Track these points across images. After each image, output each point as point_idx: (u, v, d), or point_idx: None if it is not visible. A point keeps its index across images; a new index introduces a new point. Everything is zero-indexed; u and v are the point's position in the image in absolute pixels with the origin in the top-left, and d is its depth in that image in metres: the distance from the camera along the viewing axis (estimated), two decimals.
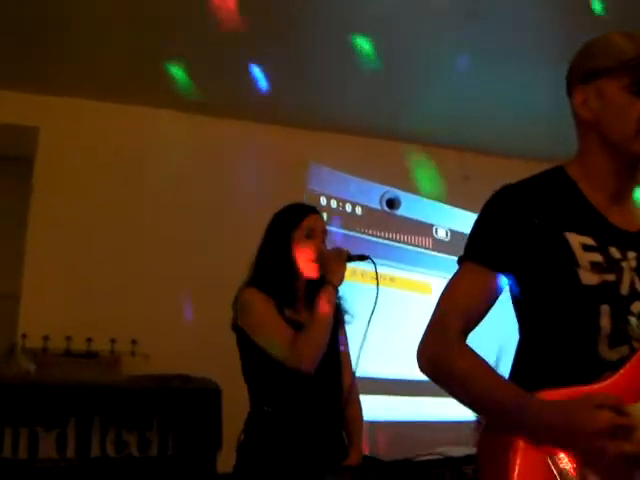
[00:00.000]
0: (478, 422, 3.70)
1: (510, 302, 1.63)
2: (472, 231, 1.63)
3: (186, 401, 1.60)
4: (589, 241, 1.52)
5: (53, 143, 5.01)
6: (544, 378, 1.48)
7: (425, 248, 5.74)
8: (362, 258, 2.74)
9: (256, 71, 4.45)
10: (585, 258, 1.50)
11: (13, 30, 4.24)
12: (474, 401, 1.49)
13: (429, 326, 1.57)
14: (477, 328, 1.57)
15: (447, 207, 5.87)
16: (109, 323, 4.73)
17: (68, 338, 4.61)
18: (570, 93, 1.65)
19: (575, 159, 1.67)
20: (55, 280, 4.81)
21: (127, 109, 5.12)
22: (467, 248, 1.62)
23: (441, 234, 5.84)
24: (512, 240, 1.54)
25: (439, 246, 5.79)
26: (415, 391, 5.26)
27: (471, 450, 2.54)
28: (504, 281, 1.56)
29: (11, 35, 4.29)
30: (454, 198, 5.83)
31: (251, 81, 4.68)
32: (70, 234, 4.91)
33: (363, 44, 4.34)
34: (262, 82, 4.52)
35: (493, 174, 5.50)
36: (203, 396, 1.64)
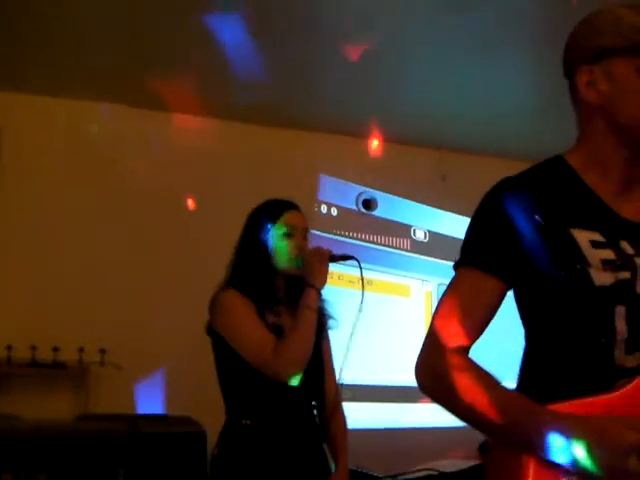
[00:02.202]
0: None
1: (511, 307, 1.50)
2: (468, 233, 1.50)
3: (161, 449, 1.29)
4: (597, 237, 1.40)
5: (17, 143, 4.84)
6: (556, 389, 1.37)
7: (403, 250, 5.66)
8: (346, 258, 2.58)
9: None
10: (595, 256, 1.38)
11: None
12: (480, 419, 1.35)
13: (426, 340, 1.44)
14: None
15: (425, 207, 5.81)
16: (77, 331, 4.60)
17: (33, 347, 4.47)
18: (570, 74, 1.50)
19: (576, 148, 1.54)
20: (19, 286, 4.66)
21: (94, 106, 4.97)
22: (464, 252, 1.49)
23: (419, 235, 5.75)
24: (513, 241, 1.41)
25: (417, 247, 5.70)
26: (395, 397, 5.18)
27: (465, 464, 2.41)
28: (506, 286, 1.44)
29: None
30: (432, 198, 5.76)
31: (229, 80, 4.56)
32: (35, 237, 4.76)
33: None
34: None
35: (471, 173, 5.49)
36: (184, 442, 1.33)
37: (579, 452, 1.21)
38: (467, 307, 1.42)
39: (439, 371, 1.38)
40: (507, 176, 1.50)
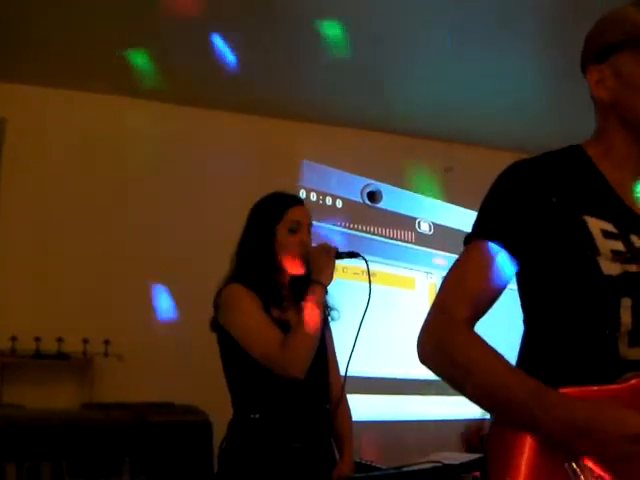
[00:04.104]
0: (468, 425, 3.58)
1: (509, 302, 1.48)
2: (482, 207, 1.47)
3: (167, 438, 1.24)
4: (610, 227, 1.39)
5: (20, 134, 4.83)
6: (556, 376, 1.33)
7: (408, 242, 5.65)
8: (352, 255, 2.55)
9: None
10: (606, 246, 1.36)
11: None
12: (483, 394, 1.33)
13: (432, 311, 1.42)
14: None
15: (430, 200, 5.79)
16: (80, 322, 4.60)
17: (37, 339, 4.47)
18: (584, 72, 1.51)
19: (593, 139, 1.54)
20: (23, 278, 4.66)
21: (97, 98, 4.96)
22: (476, 225, 1.46)
23: (424, 227, 5.73)
24: (527, 218, 1.39)
25: (422, 240, 5.68)
26: (399, 389, 5.17)
27: (469, 456, 2.40)
28: (515, 263, 1.41)
29: None
30: (437, 190, 5.73)
31: (226, 70, 4.53)
32: (39, 229, 4.76)
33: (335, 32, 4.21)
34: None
35: (477, 166, 5.46)
36: (190, 431, 1.27)
37: (584, 434, 1.20)
38: (476, 280, 1.40)
39: (445, 343, 1.36)
40: (521, 159, 1.49)
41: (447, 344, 1.36)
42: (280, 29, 4.31)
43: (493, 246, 1.40)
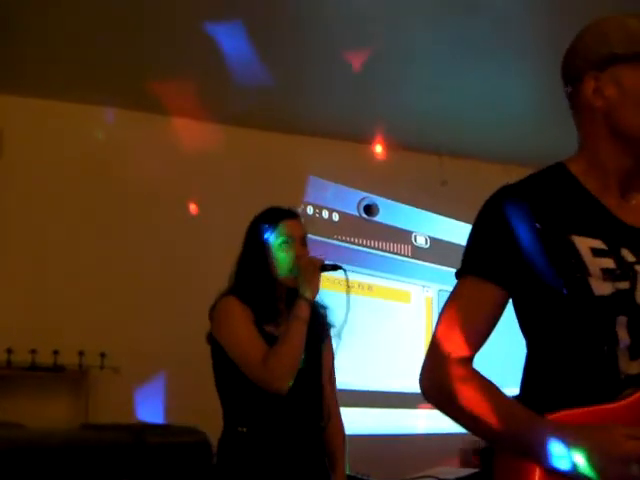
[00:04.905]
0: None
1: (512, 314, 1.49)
2: (469, 241, 1.48)
3: (166, 459, 1.20)
4: (599, 244, 1.39)
5: (18, 145, 4.84)
6: (559, 398, 1.35)
7: (404, 256, 5.65)
8: (335, 268, 2.58)
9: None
10: (595, 264, 1.36)
11: None
12: (482, 428, 1.36)
13: (429, 351, 1.43)
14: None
15: (426, 213, 5.79)
16: (76, 335, 4.58)
17: (33, 351, 4.45)
18: (574, 80, 1.50)
19: (578, 155, 1.53)
20: (19, 290, 4.65)
21: (94, 110, 4.97)
22: (465, 260, 1.47)
23: (420, 241, 5.74)
24: (513, 249, 1.40)
25: (418, 253, 5.69)
26: (394, 403, 5.16)
27: (465, 471, 2.41)
28: (508, 294, 1.42)
29: None
30: (433, 204, 5.74)
31: (229, 84, 4.55)
32: (35, 240, 4.76)
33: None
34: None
35: (472, 179, 5.48)
36: (189, 452, 1.24)
37: (579, 460, 1.21)
38: (469, 316, 1.41)
39: (442, 381, 1.38)
40: (507, 184, 1.49)
41: (444, 384, 1.37)
42: (276, 39, 4.31)
43: (482, 281, 1.41)
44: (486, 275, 1.41)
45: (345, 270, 2.56)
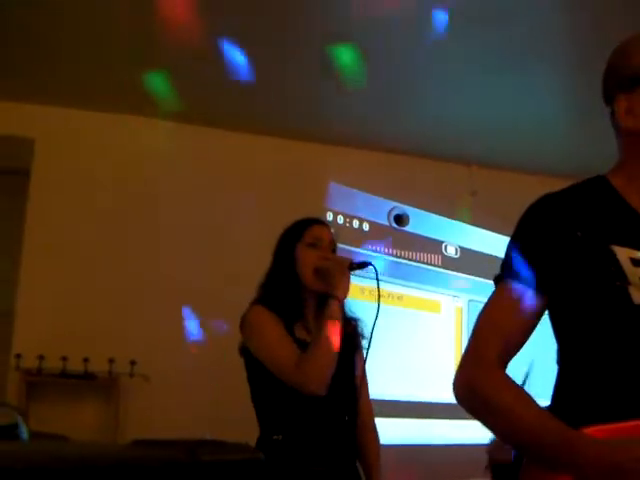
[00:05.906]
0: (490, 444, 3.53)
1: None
2: (509, 246, 1.48)
3: (221, 477, 1.15)
4: (638, 255, 1.37)
5: (49, 155, 4.90)
6: (593, 411, 1.33)
7: (434, 265, 5.61)
8: (364, 265, 2.53)
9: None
10: (635, 274, 1.35)
11: (8, 41, 4.17)
12: (514, 436, 1.34)
13: (465, 353, 1.44)
14: None
15: (456, 223, 5.76)
16: (107, 343, 4.61)
17: (64, 358, 4.49)
18: (609, 99, 1.50)
19: (617, 168, 1.53)
20: (51, 297, 4.68)
21: (125, 119, 5.00)
22: (504, 266, 1.47)
23: (450, 251, 5.71)
24: (553, 256, 1.40)
25: (448, 263, 5.65)
26: (425, 413, 5.12)
27: None
28: (546, 301, 1.41)
29: (6, 46, 4.22)
30: (463, 214, 5.71)
31: (250, 92, 4.56)
32: (67, 249, 4.80)
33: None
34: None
35: (501, 189, 5.46)
36: (243, 470, 1.19)
37: (615, 476, 1.17)
38: (506, 322, 1.41)
39: (477, 387, 1.37)
40: (548, 192, 1.49)
41: (478, 388, 1.37)
42: (303, 51, 4.33)
43: (521, 286, 1.41)
44: (526, 281, 1.41)
45: (374, 266, 2.52)
